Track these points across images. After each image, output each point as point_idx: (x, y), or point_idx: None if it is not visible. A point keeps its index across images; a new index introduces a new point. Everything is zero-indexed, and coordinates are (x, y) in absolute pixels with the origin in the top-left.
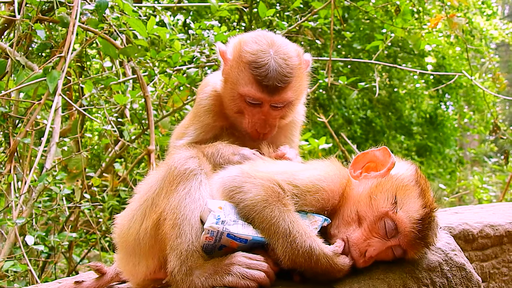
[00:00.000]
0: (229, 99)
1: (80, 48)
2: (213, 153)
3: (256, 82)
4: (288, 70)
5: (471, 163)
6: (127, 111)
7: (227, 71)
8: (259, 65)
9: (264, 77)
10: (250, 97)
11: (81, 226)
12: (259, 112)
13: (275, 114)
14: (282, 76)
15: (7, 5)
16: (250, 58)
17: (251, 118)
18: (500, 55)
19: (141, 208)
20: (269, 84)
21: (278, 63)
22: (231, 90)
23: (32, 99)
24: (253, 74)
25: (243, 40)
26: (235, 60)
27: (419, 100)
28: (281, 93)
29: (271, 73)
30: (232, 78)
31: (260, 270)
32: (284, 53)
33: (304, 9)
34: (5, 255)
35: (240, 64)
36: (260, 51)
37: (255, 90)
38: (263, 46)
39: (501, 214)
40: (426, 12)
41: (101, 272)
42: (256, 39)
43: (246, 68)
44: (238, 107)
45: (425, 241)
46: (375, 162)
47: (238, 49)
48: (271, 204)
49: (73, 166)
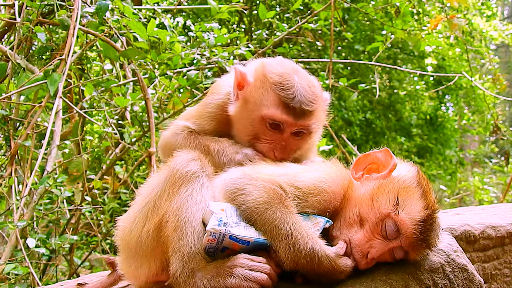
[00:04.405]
0: (247, 122)
1: (80, 50)
2: (218, 151)
3: (282, 104)
4: (314, 96)
5: (471, 164)
6: (128, 114)
7: (247, 92)
8: (287, 87)
9: (291, 99)
10: (275, 119)
11: (82, 228)
12: (279, 138)
13: (294, 143)
14: (309, 100)
15: (7, 8)
16: (277, 79)
17: (269, 142)
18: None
19: (143, 210)
20: (296, 106)
21: (304, 88)
22: (251, 112)
23: (33, 101)
24: (280, 95)
25: (266, 63)
26: (259, 80)
27: (419, 102)
28: (306, 118)
29: (298, 96)
30: (254, 99)
31: (263, 272)
32: (308, 80)
33: (304, 10)
34: (7, 258)
35: (265, 84)
36: (287, 74)
37: (281, 112)
38: (289, 71)
39: (502, 215)
40: (426, 14)
41: (112, 266)
42: (281, 63)
43: (273, 89)
44: (255, 132)
45: (427, 242)
46: (377, 163)
47: (262, 70)
48: (273, 206)
49: (73, 168)
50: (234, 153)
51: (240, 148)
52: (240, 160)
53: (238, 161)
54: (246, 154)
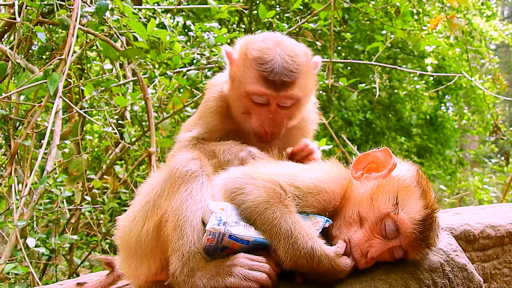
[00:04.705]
0: (236, 99)
1: (80, 50)
2: (224, 150)
3: (261, 78)
4: (294, 66)
5: (471, 164)
6: (128, 113)
7: (233, 70)
8: (265, 61)
9: (269, 72)
10: (257, 95)
11: (82, 228)
12: (267, 111)
13: (283, 114)
14: (289, 71)
15: (7, 8)
16: (256, 54)
17: (259, 117)
18: (499, 56)
19: (143, 210)
20: (275, 79)
21: (284, 59)
22: (238, 90)
23: (33, 101)
24: (258, 70)
25: (249, 40)
26: (241, 58)
27: (419, 102)
28: (287, 89)
29: (276, 68)
30: (238, 77)
31: (262, 272)
32: (290, 50)
33: (304, 10)
34: (6, 258)
35: (246, 62)
36: (266, 49)
37: (261, 86)
38: (270, 44)
39: (502, 215)
40: (426, 13)
41: (111, 267)
42: (263, 38)
43: (252, 65)
44: (244, 107)
45: (426, 242)
46: (377, 163)
47: (244, 48)
48: (273, 205)
49: (73, 168)
50: (238, 150)
51: (245, 146)
52: (244, 157)
53: (242, 158)
54: (250, 151)
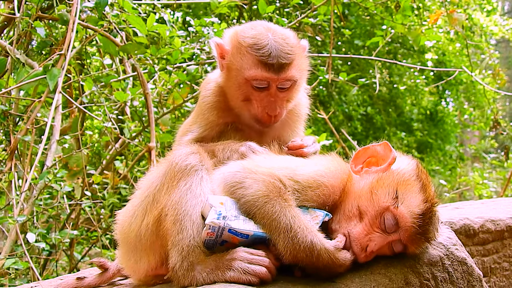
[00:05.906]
0: (235, 89)
1: (80, 45)
2: (223, 148)
3: (260, 63)
4: (289, 48)
5: (471, 159)
6: (128, 109)
7: (228, 60)
8: (261, 46)
9: (268, 56)
10: (257, 79)
11: (82, 223)
12: (267, 95)
13: (283, 96)
14: (285, 53)
15: (6, 3)
16: (250, 41)
17: (260, 103)
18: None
19: (142, 204)
20: (274, 62)
21: (279, 43)
22: (236, 78)
23: (32, 97)
24: (256, 55)
25: (239, 29)
26: (234, 47)
27: (419, 97)
28: (286, 71)
29: (274, 51)
30: (235, 66)
31: (262, 265)
32: (281, 33)
33: (303, 5)
34: (6, 253)
35: (241, 50)
36: (259, 34)
37: (261, 71)
38: (261, 30)
39: (502, 209)
40: (426, 8)
41: (104, 268)
42: (252, 26)
43: (248, 52)
44: (244, 94)
45: (426, 236)
46: (376, 157)
47: (236, 37)
48: (272, 199)
49: (73, 163)
50: (238, 145)
51: (244, 142)
52: (244, 152)
53: (242, 152)
54: (249, 146)
